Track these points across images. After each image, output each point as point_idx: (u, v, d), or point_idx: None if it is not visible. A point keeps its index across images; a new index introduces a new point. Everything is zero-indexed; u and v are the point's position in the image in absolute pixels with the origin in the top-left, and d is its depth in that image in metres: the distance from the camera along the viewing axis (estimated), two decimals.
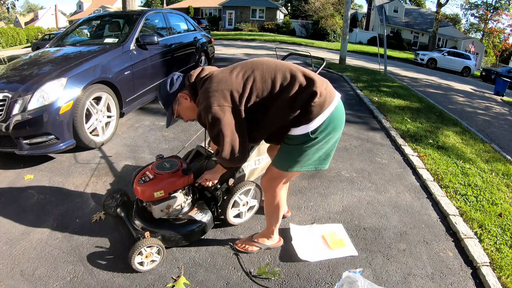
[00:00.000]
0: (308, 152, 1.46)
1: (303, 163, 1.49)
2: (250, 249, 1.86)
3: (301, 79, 1.39)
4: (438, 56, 17.75)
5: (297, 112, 1.38)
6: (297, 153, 1.47)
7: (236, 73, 1.41)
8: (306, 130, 1.40)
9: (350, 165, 3.04)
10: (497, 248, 2.06)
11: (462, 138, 4.22)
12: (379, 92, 6.31)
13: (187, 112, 1.58)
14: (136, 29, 3.69)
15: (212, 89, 1.37)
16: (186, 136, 3.41)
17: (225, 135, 1.36)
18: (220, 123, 1.35)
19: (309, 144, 1.43)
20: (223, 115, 1.34)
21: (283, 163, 1.53)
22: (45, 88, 2.51)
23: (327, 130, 1.42)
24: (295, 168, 1.50)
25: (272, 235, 1.86)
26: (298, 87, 1.37)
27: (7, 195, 2.29)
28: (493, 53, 30.46)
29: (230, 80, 1.39)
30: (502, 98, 10.19)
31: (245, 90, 1.37)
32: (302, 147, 1.45)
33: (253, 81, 1.38)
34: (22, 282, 1.59)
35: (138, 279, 1.64)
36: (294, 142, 1.46)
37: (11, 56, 9.31)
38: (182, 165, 1.85)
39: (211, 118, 1.35)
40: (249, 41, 17.77)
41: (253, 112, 1.41)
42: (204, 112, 1.37)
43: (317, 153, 1.48)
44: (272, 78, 1.39)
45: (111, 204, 1.99)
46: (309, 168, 1.52)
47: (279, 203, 1.68)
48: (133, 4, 7.46)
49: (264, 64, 1.44)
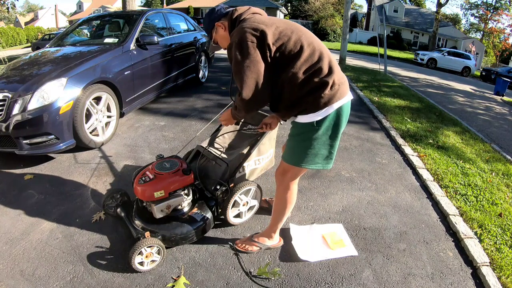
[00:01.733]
0: (314, 146, 1.48)
1: (311, 159, 1.51)
2: (250, 249, 1.86)
3: (325, 66, 1.40)
4: (438, 56, 17.76)
5: (305, 94, 1.40)
6: (302, 145, 1.50)
7: (276, 26, 1.42)
8: (312, 119, 1.43)
9: (350, 165, 3.04)
10: (497, 248, 2.06)
11: (462, 138, 4.22)
12: (379, 92, 6.31)
13: (223, 41, 1.62)
14: (136, 29, 3.69)
15: (250, 27, 1.39)
16: (186, 136, 3.41)
17: (251, 71, 1.36)
18: (248, 58, 1.35)
19: (313, 135, 1.46)
20: (254, 51, 1.36)
21: (292, 156, 1.57)
22: (45, 88, 2.51)
23: (331, 125, 1.45)
24: (303, 164, 1.53)
25: (273, 234, 1.86)
26: (316, 71, 1.40)
27: (7, 195, 2.29)
28: (493, 53, 30.44)
29: (269, 27, 1.40)
30: (502, 98, 10.20)
31: (276, 44, 1.39)
32: (306, 138, 1.48)
33: (287, 40, 1.39)
34: (22, 282, 1.59)
35: (138, 279, 1.64)
36: (298, 131, 1.50)
37: (11, 56, 9.31)
38: (182, 165, 1.85)
39: (242, 50, 1.36)
40: None
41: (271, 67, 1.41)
42: (237, 44, 1.38)
43: (322, 149, 1.51)
44: (303, 47, 1.40)
45: (111, 204, 1.99)
46: (317, 167, 1.55)
47: (289, 199, 1.69)
48: (133, 4, 7.46)
49: (304, 32, 1.46)
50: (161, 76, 4.08)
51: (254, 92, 1.38)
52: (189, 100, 4.67)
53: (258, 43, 1.36)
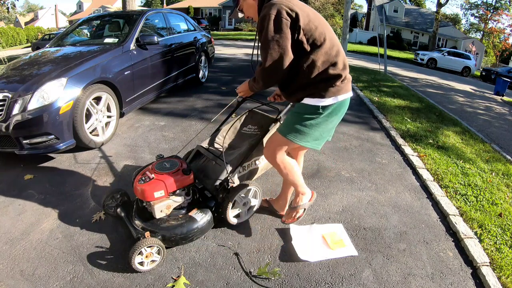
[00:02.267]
0: (310, 124, 1.61)
1: (303, 135, 1.63)
2: (298, 215, 1.92)
3: (340, 62, 1.56)
4: (438, 56, 17.76)
5: (318, 81, 1.54)
6: (301, 121, 1.62)
7: (307, 13, 1.52)
8: (318, 103, 1.57)
9: (350, 165, 3.04)
10: (497, 248, 2.06)
11: (462, 138, 4.22)
12: (379, 92, 6.31)
13: (249, 9, 1.68)
14: (136, 29, 3.69)
15: (286, 5, 1.47)
16: (186, 136, 3.41)
17: (279, 45, 1.45)
18: (279, 33, 1.44)
19: (315, 117, 1.60)
20: (286, 29, 1.45)
21: (286, 128, 1.67)
22: (45, 88, 2.51)
23: (333, 112, 1.61)
24: (294, 137, 1.64)
25: (304, 191, 1.90)
26: (333, 64, 1.54)
27: (7, 195, 2.29)
28: (493, 53, 30.45)
29: (302, 12, 1.49)
30: (502, 98, 10.20)
31: (305, 29, 1.48)
32: (308, 118, 1.61)
33: (314, 29, 1.50)
34: (22, 282, 1.59)
35: (138, 279, 1.64)
36: (303, 110, 1.62)
37: (11, 56, 9.32)
38: (182, 165, 1.85)
39: (276, 25, 1.44)
40: (249, 41, 17.76)
41: (294, 48, 1.50)
42: (272, 17, 1.45)
43: (316, 130, 1.63)
44: (325, 40, 1.52)
45: (111, 204, 1.99)
46: (306, 144, 1.65)
47: (286, 166, 1.78)
48: (133, 4, 7.47)
49: (327, 27, 1.59)
50: (161, 76, 4.08)
51: (276, 65, 1.48)
52: (189, 100, 4.67)
53: (291, 23, 1.46)
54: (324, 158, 3.13)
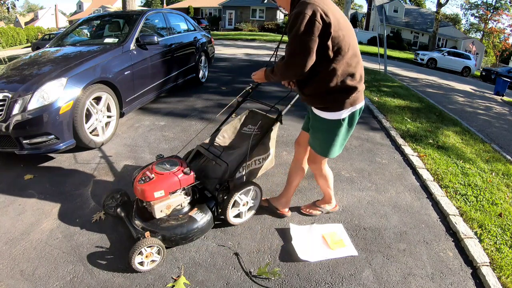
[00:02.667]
0: (338, 139, 1.80)
1: (335, 149, 1.85)
2: (314, 213, 2.22)
3: (358, 73, 1.65)
4: (438, 56, 17.75)
5: (333, 91, 1.63)
6: (331, 139, 1.80)
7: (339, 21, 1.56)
8: (339, 117, 1.71)
9: (350, 165, 3.04)
10: (497, 248, 2.06)
11: (462, 138, 4.22)
12: (379, 92, 6.31)
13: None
14: (136, 29, 3.69)
15: (322, 9, 1.49)
16: (186, 136, 3.41)
17: (306, 45, 1.50)
18: (308, 35, 1.48)
19: (339, 130, 1.75)
20: (316, 32, 1.49)
21: (321, 148, 1.87)
22: (45, 88, 2.51)
23: (351, 120, 1.75)
24: (329, 154, 1.87)
25: (331, 200, 2.22)
26: (351, 75, 1.62)
27: (7, 195, 2.29)
28: (493, 53, 30.46)
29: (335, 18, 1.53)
30: (502, 98, 10.20)
31: (333, 35, 1.53)
32: (333, 132, 1.77)
33: (342, 38, 1.55)
34: (22, 282, 1.59)
35: (138, 279, 1.64)
36: (327, 127, 1.77)
37: (11, 56, 9.31)
38: (182, 165, 1.85)
39: (307, 25, 1.47)
40: (249, 41, 17.77)
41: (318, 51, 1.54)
42: (305, 17, 1.47)
43: (342, 140, 1.83)
44: (349, 49, 1.58)
45: (111, 204, 1.99)
46: (335, 155, 1.88)
47: (326, 175, 2.06)
48: (133, 4, 7.47)
49: (353, 37, 1.64)
50: (161, 76, 4.08)
51: (298, 64, 1.53)
52: (189, 100, 4.67)
53: (322, 27, 1.50)
54: None
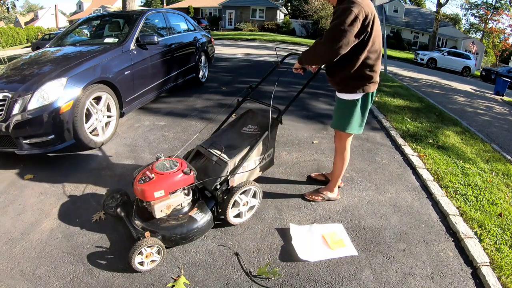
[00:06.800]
0: (353, 116, 2.05)
1: (350, 126, 2.08)
2: (316, 199, 2.36)
3: (376, 66, 1.96)
4: (438, 56, 17.75)
5: (353, 77, 1.94)
6: (346, 115, 2.07)
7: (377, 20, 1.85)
8: (354, 97, 2.02)
9: (350, 165, 3.03)
10: (497, 248, 2.06)
11: (462, 138, 4.22)
12: (379, 92, 6.30)
13: None
14: (136, 29, 3.69)
15: (368, 10, 1.75)
16: (186, 136, 3.41)
17: (345, 36, 1.70)
18: (350, 29, 1.70)
19: (353, 108, 2.03)
20: (357, 28, 1.72)
21: (337, 123, 2.14)
22: (45, 88, 2.51)
23: (365, 102, 2.04)
24: (346, 129, 2.09)
25: (334, 188, 2.36)
26: (370, 65, 1.92)
27: (7, 195, 2.29)
28: (493, 53, 30.43)
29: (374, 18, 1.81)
30: (502, 98, 10.20)
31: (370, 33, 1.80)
32: (348, 110, 2.05)
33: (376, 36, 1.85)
34: (22, 282, 1.59)
35: (138, 279, 1.64)
36: (344, 105, 2.07)
37: (11, 56, 9.31)
38: (182, 165, 1.85)
39: (352, 20, 1.69)
40: (249, 41, 17.77)
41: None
42: (353, 13, 1.69)
43: (358, 119, 2.08)
44: (374, 44, 1.87)
45: (111, 204, 1.99)
46: (354, 131, 2.11)
47: (345, 157, 2.24)
48: (133, 4, 7.47)
49: (380, 34, 1.92)
50: (161, 76, 4.08)
51: (332, 49, 1.74)
52: (189, 100, 4.67)
53: (362, 24, 1.73)
54: (324, 158, 3.13)
